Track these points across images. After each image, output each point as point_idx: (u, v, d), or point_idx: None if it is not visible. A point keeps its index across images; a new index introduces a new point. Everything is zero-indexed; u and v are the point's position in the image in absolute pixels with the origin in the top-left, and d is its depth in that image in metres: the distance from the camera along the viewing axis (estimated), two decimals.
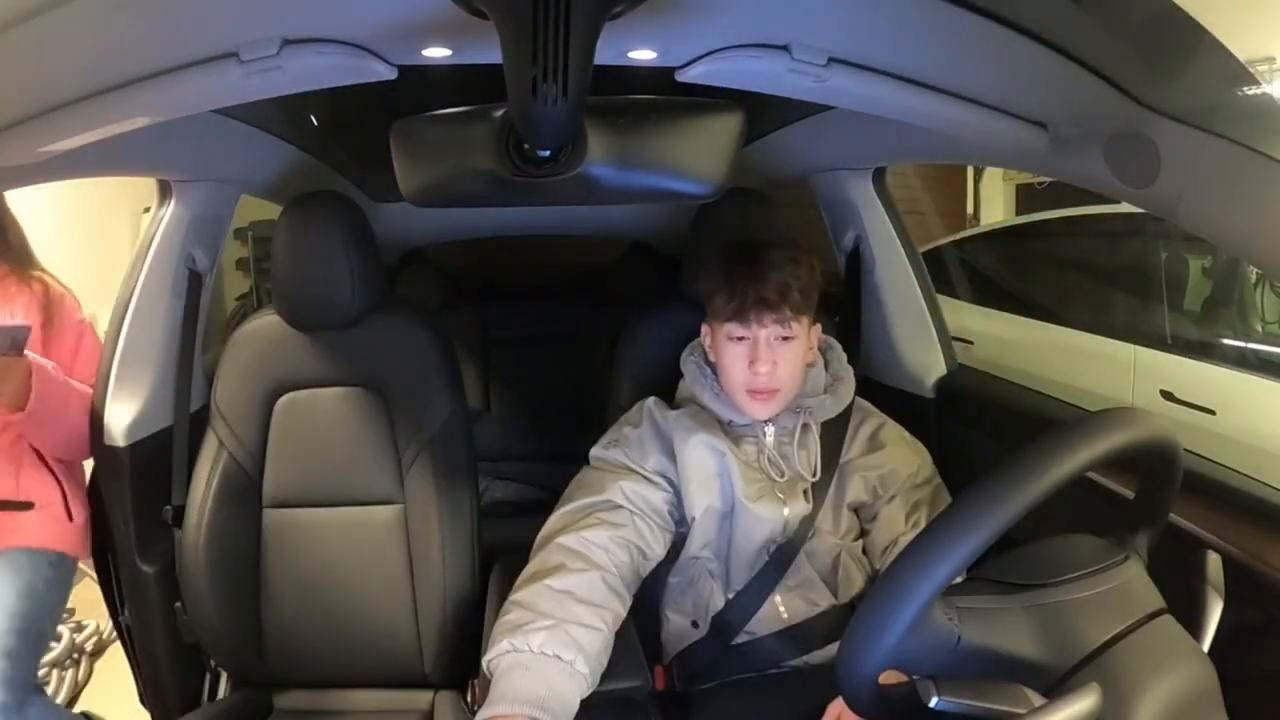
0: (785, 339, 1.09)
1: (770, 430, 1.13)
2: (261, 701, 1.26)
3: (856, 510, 1.16)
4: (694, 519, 1.09)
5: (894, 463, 1.15)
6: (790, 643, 1.08)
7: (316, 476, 1.26)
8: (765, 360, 1.08)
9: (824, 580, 1.11)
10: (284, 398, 1.26)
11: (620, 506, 1.05)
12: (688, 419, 1.12)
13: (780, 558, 1.10)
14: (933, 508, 1.12)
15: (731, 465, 1.09)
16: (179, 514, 1.26)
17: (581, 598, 0.92)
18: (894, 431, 1.20)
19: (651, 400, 1.17)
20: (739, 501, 1.08)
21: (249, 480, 1.25)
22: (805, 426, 1.13)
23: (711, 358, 1.17)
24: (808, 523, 1.10)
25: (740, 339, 1.10)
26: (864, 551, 1.15)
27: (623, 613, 0.97)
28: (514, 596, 0.93)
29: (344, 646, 1.25)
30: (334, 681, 1.27)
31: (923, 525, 1.07)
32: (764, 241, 1.14)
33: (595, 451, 1.15)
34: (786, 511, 1.09)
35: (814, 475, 1.12)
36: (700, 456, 1.09)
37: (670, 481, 1.11)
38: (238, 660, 1.25)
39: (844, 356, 1.22)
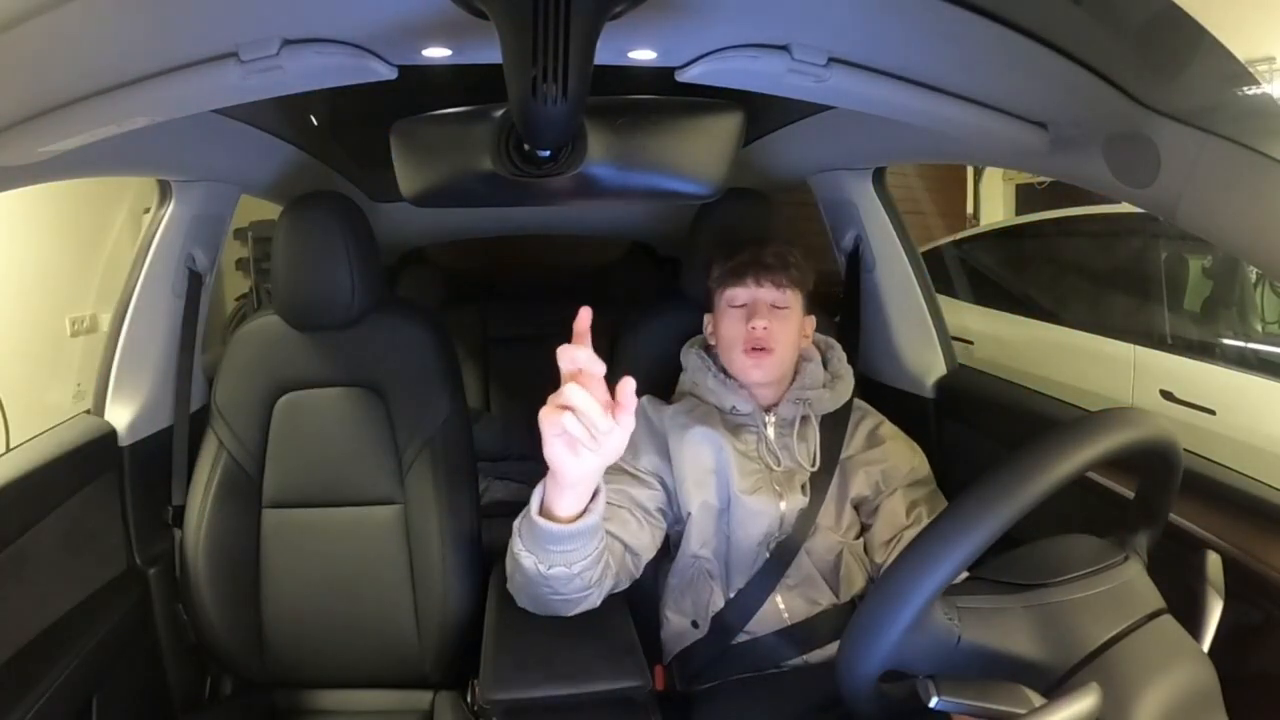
0: (779, 308, 1.15)
1: (771, 420, 1.15)
2: (261, 701, 1.26)
3: (858, 506, 1.16)
4: (689, 515, 1.09)
5: (894, 458, 1.16)
6: (791, 642, 1.08)
7: (316, 476, 1.26)
8: (762, 316, 1.13)
9: (825, 578, 1.11)
10: (284, 398, 1.26)
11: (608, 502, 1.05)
12: (684, 414, 1.13)
13: (780, 555, 1.10)
14: (930, 508, 1.12)
15: (728, 458, 1.10)
16: (179, 514, 1.26)
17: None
18: (891, 429, 1.22)
19: (645, 399, 1.18)
20: (734, 495, 1.09)
21: (249, 480, 1.25)
22: (805, 419, 1.15)
23: (712, 341, 1.20)
24: (807, 518, 1.10)
25: (740, 306, 1.15)
26: (865, 549, 1.15)
27: (609, 584, 0.98)
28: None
29: (344, 646, 1.25)
30: (334, 681, 1.27)
31: (923, 522, 1.07)
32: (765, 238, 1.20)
33: None
34: (783, 505, 1.10)
35: (813, 465, 1.13)
36: (697, 452, 1.10)
37: (662, 481, 1.11)
38: (238, 660, 1.25)
39: (844, 356, 1.24)
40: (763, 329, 1.13)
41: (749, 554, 1.10)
